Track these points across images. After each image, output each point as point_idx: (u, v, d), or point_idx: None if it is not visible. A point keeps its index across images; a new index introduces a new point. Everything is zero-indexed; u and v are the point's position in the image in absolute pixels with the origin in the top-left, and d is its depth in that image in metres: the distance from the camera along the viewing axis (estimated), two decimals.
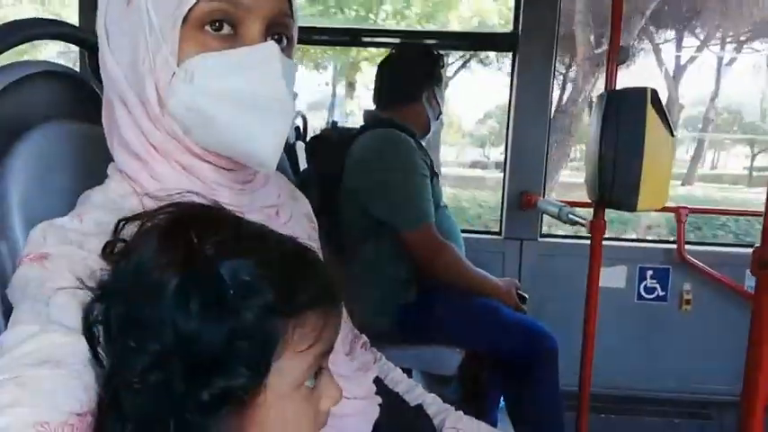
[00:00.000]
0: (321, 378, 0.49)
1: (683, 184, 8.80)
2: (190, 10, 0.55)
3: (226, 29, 0.57)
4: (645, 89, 1.38)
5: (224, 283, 0.43)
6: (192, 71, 0.56)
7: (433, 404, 0.82)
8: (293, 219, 0.71)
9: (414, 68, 1.76)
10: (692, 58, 8.32)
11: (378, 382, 0.73)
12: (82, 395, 0.43)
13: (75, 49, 0.87)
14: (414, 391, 0.83)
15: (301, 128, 2.33)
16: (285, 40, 0.61)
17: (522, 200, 2.20)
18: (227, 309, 0.42)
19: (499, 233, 2.31)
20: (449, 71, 7.25)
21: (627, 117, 1.38)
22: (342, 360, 0.68)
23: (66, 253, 0.51)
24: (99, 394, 0.44)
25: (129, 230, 0.49)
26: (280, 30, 0.60)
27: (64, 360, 0.44)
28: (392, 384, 0.80)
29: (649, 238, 5.03)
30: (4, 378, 0.42)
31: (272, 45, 0.57)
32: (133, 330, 0.43)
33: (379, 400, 0.69)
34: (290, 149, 2.02)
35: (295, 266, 0.47)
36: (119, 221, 0.49)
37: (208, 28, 0.56)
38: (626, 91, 1.43)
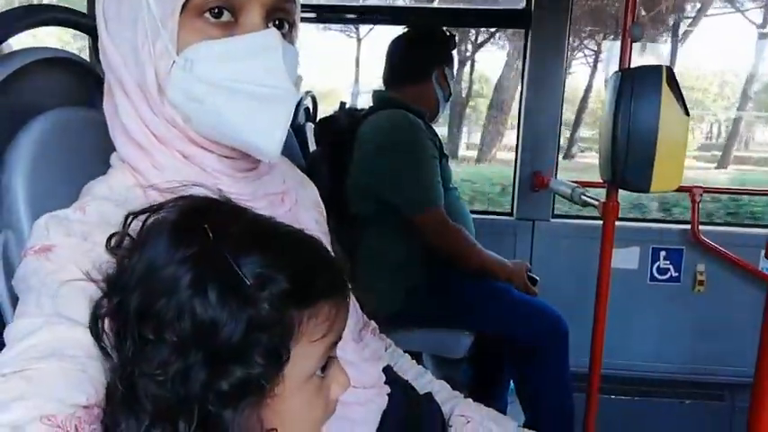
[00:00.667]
0: (331, 367, 0.50)
1: (717, 167, 8.22)
2: None
3: (225, 15, 0.56)
4: (660, 67, 1.35)
5: (241, 276, 0.43)
6: (192, 59, 0.55)
7: (441, 391, 0.82)
8: (299, 204, 0.71)
9: (423, 48, 1.73)
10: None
11: (386, 369, 0.73)
12: (88, 388, 0.43)
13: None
14: (422, 379, 0.83)
15: (311, 109, 2.32)
16: (287, 26, 0.60)
17: (535, 180, 2.18)
18: (245, 300, 0.43)
19: (511, 214, 2.30)
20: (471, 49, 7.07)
21: (641, 96, 1.35)
22: (351, 347, 0.68)
23: (71, 245, 0.51)
24: (108, 387, 0.44)
25: (134, 224, 0.49)
26: (281, 15, 0.59)
27: (69, 353, 0.44)
28: (401, 372, 0.80)
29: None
30: (10, 372, 0.42)
31: (273, 32, 0.56)
32: (150, 322, 0.43)
33: (388, 389, 0.69)
34: (299, 131, 2.01)
35: (308, 258, 0.48)
36: (127, 215, 0.49)
37: (207, 15, 0.55)
38: (640, 69, 1.39)
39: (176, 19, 0.54)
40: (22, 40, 0.78)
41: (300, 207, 0.71)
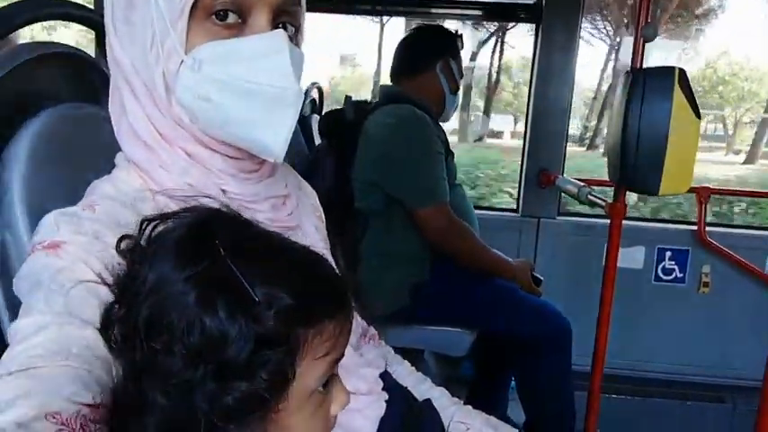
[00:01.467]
0: (332, 383, 0.50)
1: (744, 162, 8.24)
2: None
3: (232, 18, 0.56)
4: (672, 68, 1.33)
5: (249, 293, 0.43)
6: (201, 59, 0.55)
7: (441, 398, 0.81)
8: (299, 209, 0.71)
9: (427, 40, 1.74)
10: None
11: (385, 375, 0.72)
12: (94, 387, 0.43)
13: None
14: (422, 385, 0.83)
15: (317, 100, 2.30)
16: (292, 30, 0.60)
17: (541, 177, 2.17)
18: (254, 317, 0.43)
19: (516, 211, 2.29)
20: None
21: (653, 97, 1.33)
22: (349, 354, 0.67)
23: (81, 243, 0.50)
24: (115, 392, 0.44)
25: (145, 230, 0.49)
26: (287, 19, 0.59)
27: (76, 352, 0.44)
28: (400, 378, 0.80)
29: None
30: (16, 369, 0.42)
31: (280, 33, 0.56)
32: (159, 334, 0.43)
33: (386, 396, 0.69)
34: (304, 123, 2.00)
35: (314, 277, 0.49)
36: (142, 221, 0.49)
37: (215, 17, 0.55)
38: (652, 70, 1.38)
39: (185, 19, 0.55)
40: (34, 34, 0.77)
41: (301, 212, 0.71)
